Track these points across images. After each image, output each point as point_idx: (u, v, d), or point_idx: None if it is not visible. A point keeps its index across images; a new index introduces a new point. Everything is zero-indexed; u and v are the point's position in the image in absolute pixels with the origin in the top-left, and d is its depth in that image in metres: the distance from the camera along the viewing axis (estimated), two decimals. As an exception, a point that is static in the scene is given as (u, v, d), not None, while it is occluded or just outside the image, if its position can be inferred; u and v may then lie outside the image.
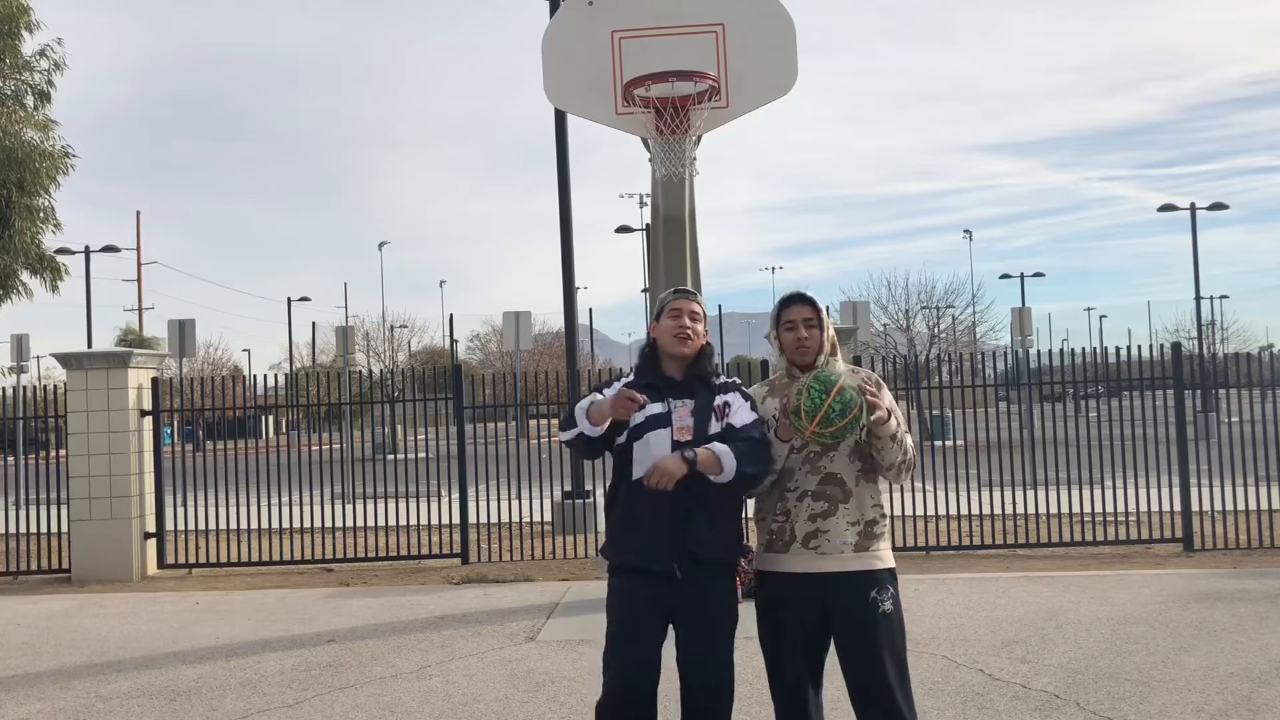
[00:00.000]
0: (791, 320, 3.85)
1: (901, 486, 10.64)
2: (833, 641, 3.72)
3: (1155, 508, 10.80)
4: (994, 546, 10.61)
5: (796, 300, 3.88)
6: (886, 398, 3.78)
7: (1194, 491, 10.54)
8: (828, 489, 3.70)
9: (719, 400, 3.85)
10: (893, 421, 3.69)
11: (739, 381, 3.98)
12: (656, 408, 3.78)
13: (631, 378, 3.99)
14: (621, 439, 3.82)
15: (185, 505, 11.10)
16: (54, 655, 7.35)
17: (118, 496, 10.56)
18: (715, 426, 3.80)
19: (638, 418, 3.77)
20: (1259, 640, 6.63)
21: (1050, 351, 11.78)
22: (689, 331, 3.89)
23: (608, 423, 3.73)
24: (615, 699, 3.73)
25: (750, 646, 4.03)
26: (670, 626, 3.81)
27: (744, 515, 3.99)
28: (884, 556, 3.74)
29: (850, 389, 3.54)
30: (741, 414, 3.85)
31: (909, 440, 3.78)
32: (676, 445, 3.73)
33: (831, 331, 3.90)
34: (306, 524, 11.65)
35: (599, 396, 3.78)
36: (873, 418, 3.60)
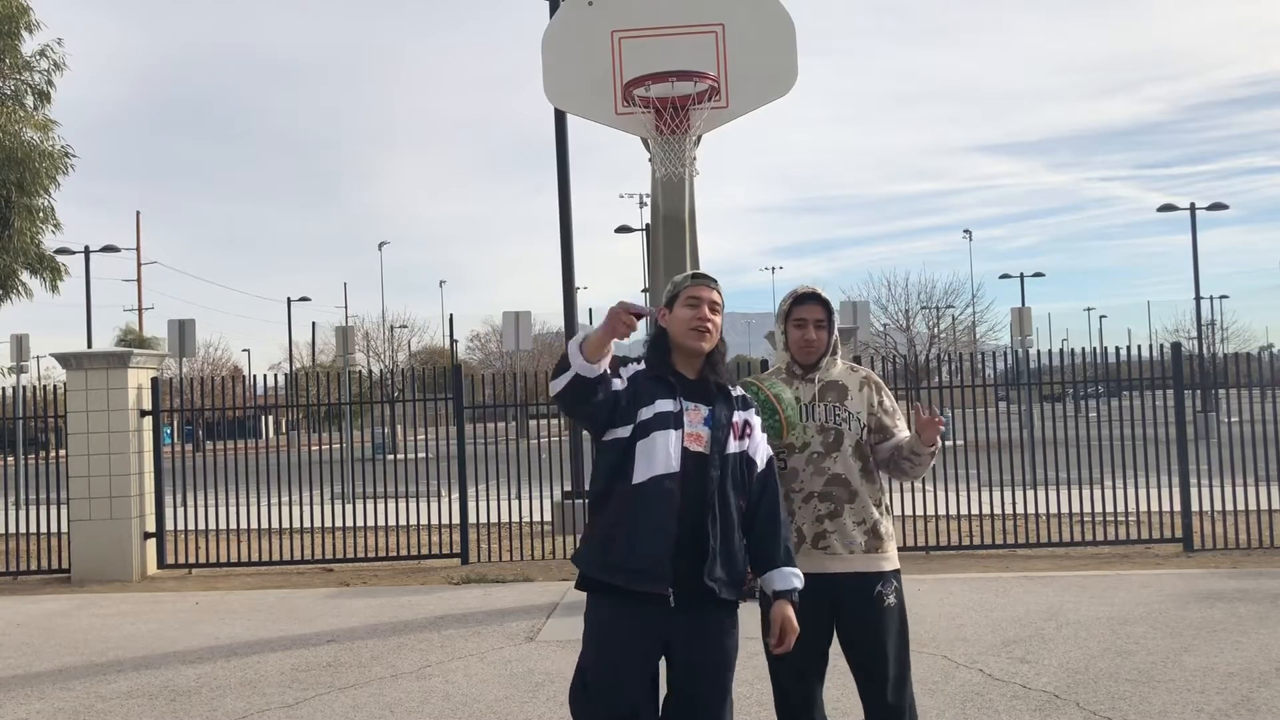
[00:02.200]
0: (802, 318, 3.78)
1: (902, 486, 10.66)
2: (836, 635, 3.75)
3: (1155, 508, 10.80)
4: (994, 546, 10.61)
5: (810, 299, 3.80)
6: (887, 398, 3.86)
7: (1194, 491, 10.54)
8: (833, 490, 3.70)
9: (740, 417, 3.45)
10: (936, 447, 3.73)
11: (752, 399, 3.64)
12: (667, 405, 3.33)
13: (639, 367, 3.47)
14: (624, 433, 3.33)
15: (185, 505, 11.10)
16: (54, 655, 7.35)
17: (117, 496, 10.55)
18: (734, 445, 3.41)
19: (645, 413, 3.32)
20: (1259, 640, 6.63)
21: (1050, 351, 11.79)
22: (708, 324, 3.41)
23: (607, 358, 3.27)
24: None
25: (751, 646, 4.02)
26: (663, 659, 3.40)
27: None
28: (891, 558, 3.75)
29: (789, 403, 3.62)
30: (761, 446, 3.51)
31: None
32: (686, 453, 3.32)
33: (836, 332, 3.86)
34: (306, 524, 11.64)
35: (590, 328, 3.32)
36: (930, 448, 3.70)
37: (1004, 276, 49.16)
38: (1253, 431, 11.07)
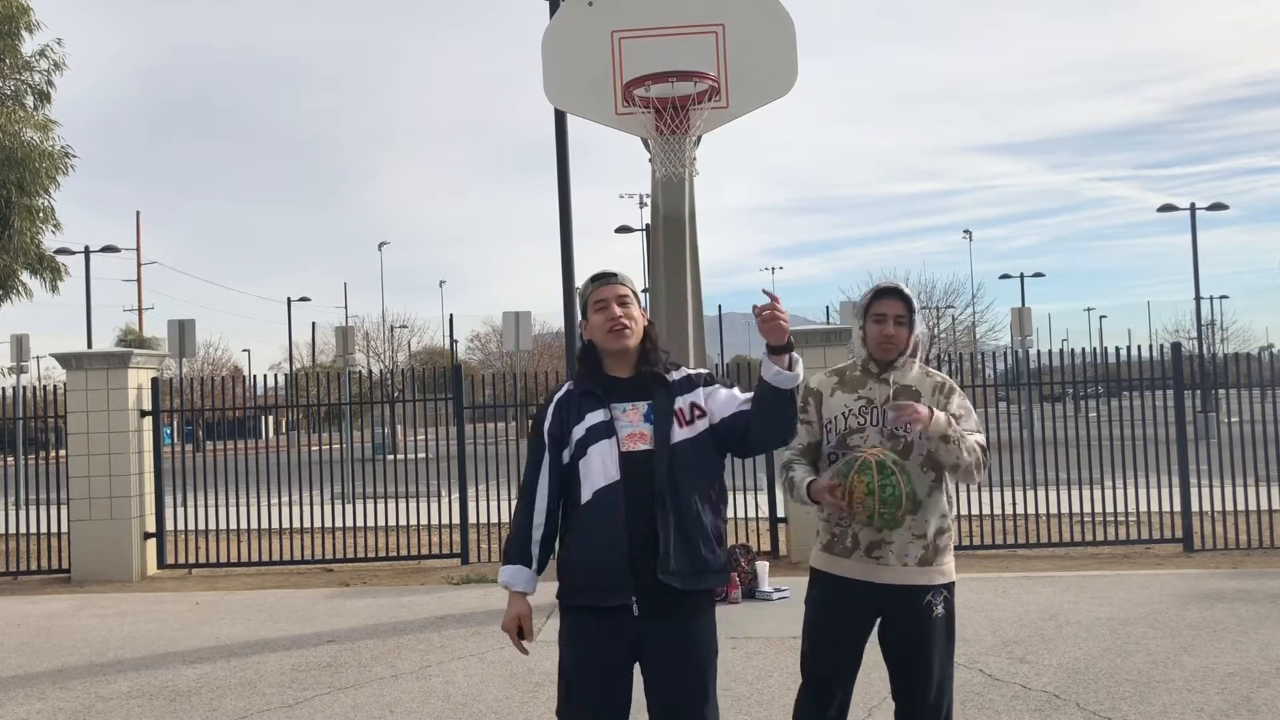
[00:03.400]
0: (881, 313, 3.67)
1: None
2: (882, 642, 3.68)
3: (1155, 508, 10.80)
4: (994, 546, 10.61)
5: (891, 293, 3.70)
6: (955, 402, 3.66)
7: (1194, 491, 10.54)
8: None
9: (683, 402, 3.35)
10: (942, 422, 3.51)
11: (706, 372, 3.49)
12: (596, 416, 3.30)
13: (570, 386, 3.46)
14: (566, 457, 3.34)
15: (185, 505, 11.11)
16: (54, 655, 7.35)
17: (118, 497, 10.56)
18: (682, 432, 3.30)
19: (578, 432, 3.31)
20: (1259, 640, 6.63)
21: (1050, 351, 11.79)
22: (623, 321, 3.35)
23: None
24: None
25: (749, 646, 4.02)
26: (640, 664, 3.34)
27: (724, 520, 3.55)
28: (945, 570, 3.64)
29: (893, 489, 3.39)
30: (735, 401, 3.36)
31: (972, 440, 3.57)
32: (627, 457, 3.26)
33: (919, 331, 3.72)
34: (306, 524, 11.65)
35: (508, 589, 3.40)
36: (915, 430, 3.49)
37: (1004, 276, 49.11)
38: (1253, 431, 11.07)
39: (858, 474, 3.40)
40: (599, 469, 3.26)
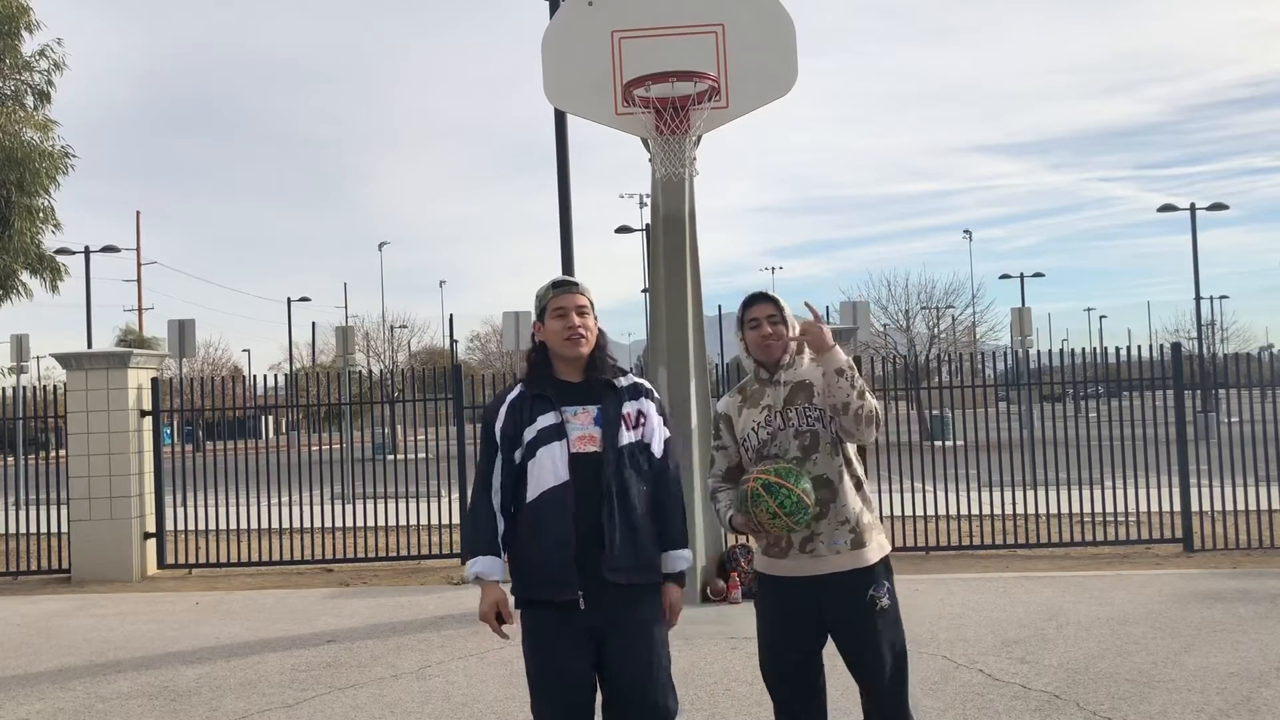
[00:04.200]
0: (755, 319, 3.79)
1: (903, 486, 10.67)
2: (832, 636, 3.72)
3: (1155, 508, 10.80)
4: (994, 546, 10.61)
5: (758, 299, 3.83)
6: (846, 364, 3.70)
7: (1194, 491, 10.54)
8: (818, 492, 3.63)
9: (629, 408, 3.53)
10: (842, 358, 3.62)
11: (648, 385, 3.68)
12: (548, 419, 3.45)
13: (521, 388, 3.58)
14: (516, 458, 3.48)
15: (185, 505, 11.11)
16: (54, 655, 7.35)
17: (118, 497, 10.56)
18: (628, 436, 3.49)
19: (529, 434, 3.45)
20: (1259, 640, 6.63)
21: (1050, 351, 11.79)
22: (581, 330, 3.51)
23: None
24: None
25: (750, 646, 4.02)
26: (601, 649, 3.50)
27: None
28: (875, 547, 3.69)
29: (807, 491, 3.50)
30: (658, 433, 3.58)
31: (864, 389, 3.64)
32: (576, 458, 3.42)
33: (796, 329, 3.78)
34: (306, 524, 11.64)
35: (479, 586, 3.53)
36: (829, 359, 3.58)
37: (1004, 276, 49.10)
38: (1253, 431, 11.07)
39: (754, 508, 3.50)
40: (548, 469, 3.42)
